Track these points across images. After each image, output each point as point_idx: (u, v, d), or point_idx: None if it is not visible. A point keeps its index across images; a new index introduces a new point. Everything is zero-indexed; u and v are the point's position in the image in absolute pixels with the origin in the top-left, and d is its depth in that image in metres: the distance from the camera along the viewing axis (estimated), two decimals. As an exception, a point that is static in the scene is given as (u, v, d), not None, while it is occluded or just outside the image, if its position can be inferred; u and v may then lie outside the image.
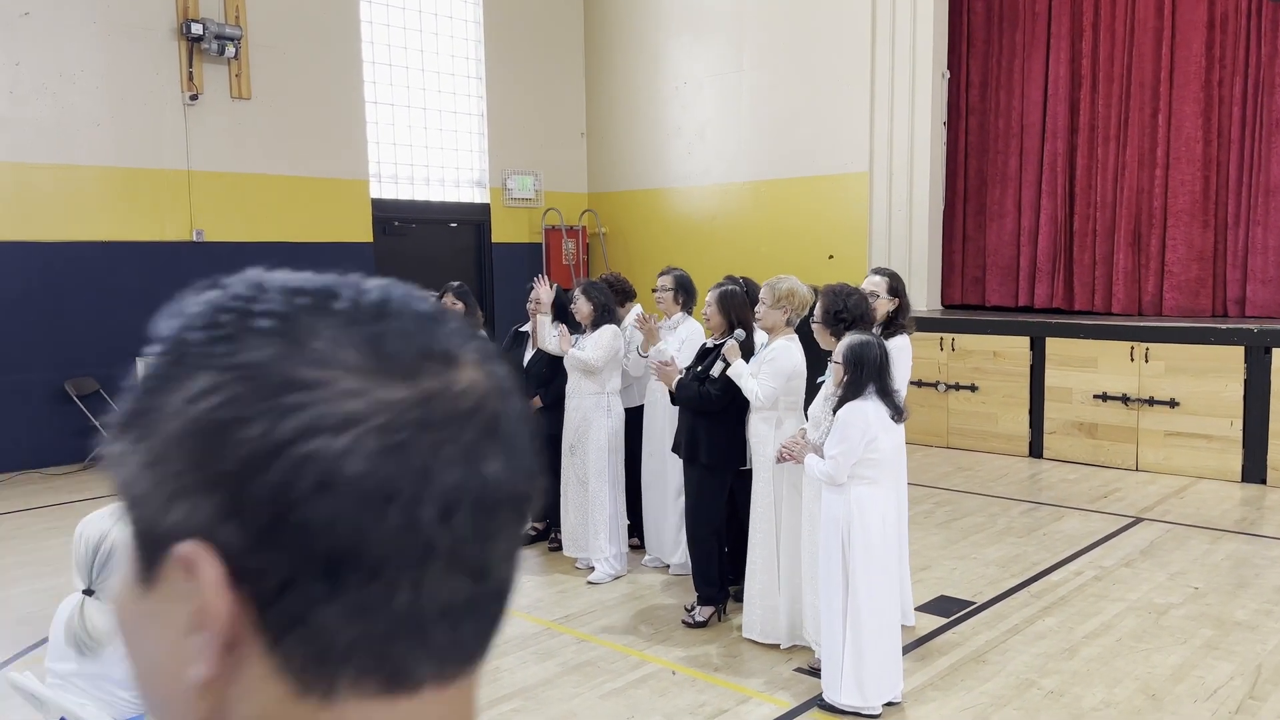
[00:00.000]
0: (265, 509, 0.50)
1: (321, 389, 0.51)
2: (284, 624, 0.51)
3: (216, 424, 0.51)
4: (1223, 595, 5.48)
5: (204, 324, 0.56)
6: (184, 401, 0.53)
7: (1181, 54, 9.69)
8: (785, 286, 4.78)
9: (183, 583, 0.51)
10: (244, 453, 0.50)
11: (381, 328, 0.55)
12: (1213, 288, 9.71)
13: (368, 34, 11.46)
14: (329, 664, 0.52)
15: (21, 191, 8.93)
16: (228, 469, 0.50)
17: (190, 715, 0.53)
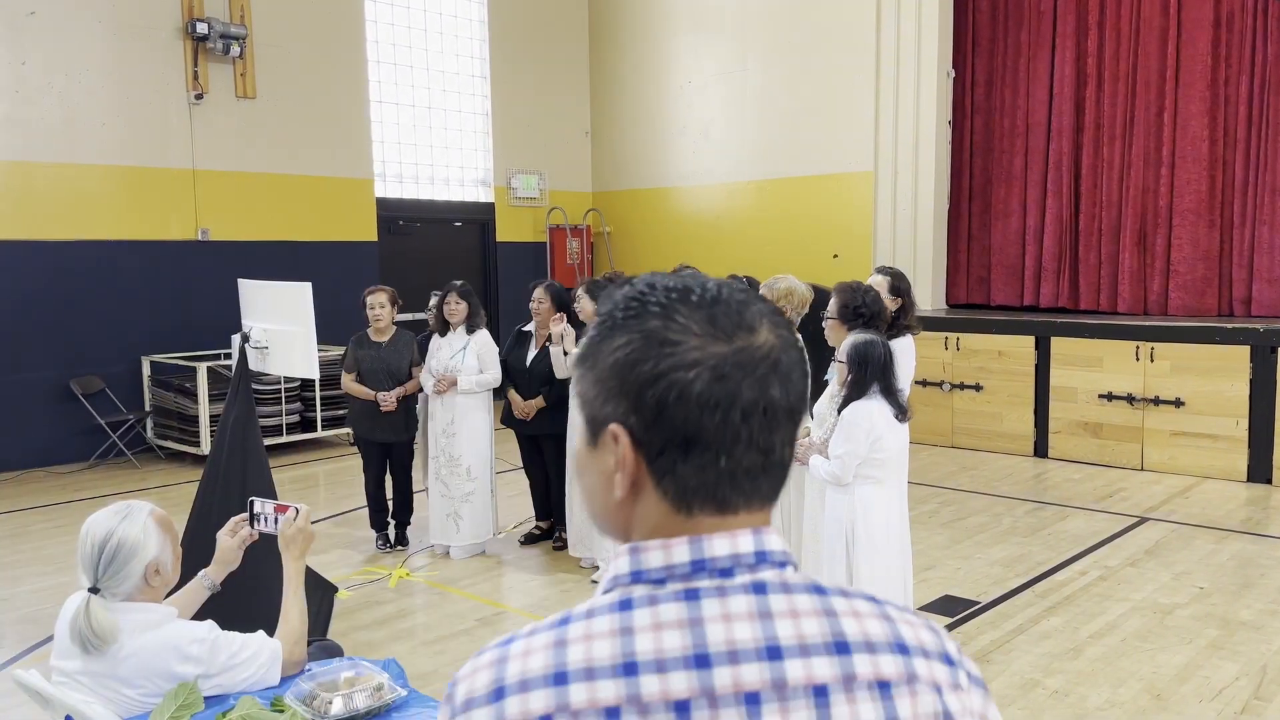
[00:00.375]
0: (651, 409, 0.92)
1: (681, 345, 0.92)
2: (661, 472, 0.94)
3: (627, 362, 0.93)
4: (1228, 595, 5.47)
5: (623, 306, 0.97)
6: (612, 349, 0.95)
7: (1187, 53, 9.67)
8: (784, 286, 4.77)
9: (611, 445, 0.95)
10: (640, 378, 0.92)
11: (715, 310, 0.95)
12: (1218, 287, 9.69)
13: (372, 33, 11.47)
14: (686, 495, 0.94)
15: (27, 190, 8.95)
16: (632, 387, 0.93)
17: (615, 519, 0.99)
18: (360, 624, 5.23)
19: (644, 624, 0.90)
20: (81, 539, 2.46)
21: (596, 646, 0.90)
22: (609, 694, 0.88)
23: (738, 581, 0.93)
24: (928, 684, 0.92)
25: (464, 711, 0.94)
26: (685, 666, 0.88)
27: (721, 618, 0.90)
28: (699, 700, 0.87)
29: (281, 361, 4.71)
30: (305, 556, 2.80)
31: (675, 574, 0.93)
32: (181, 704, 2.32)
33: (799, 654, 0.90)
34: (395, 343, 6.38)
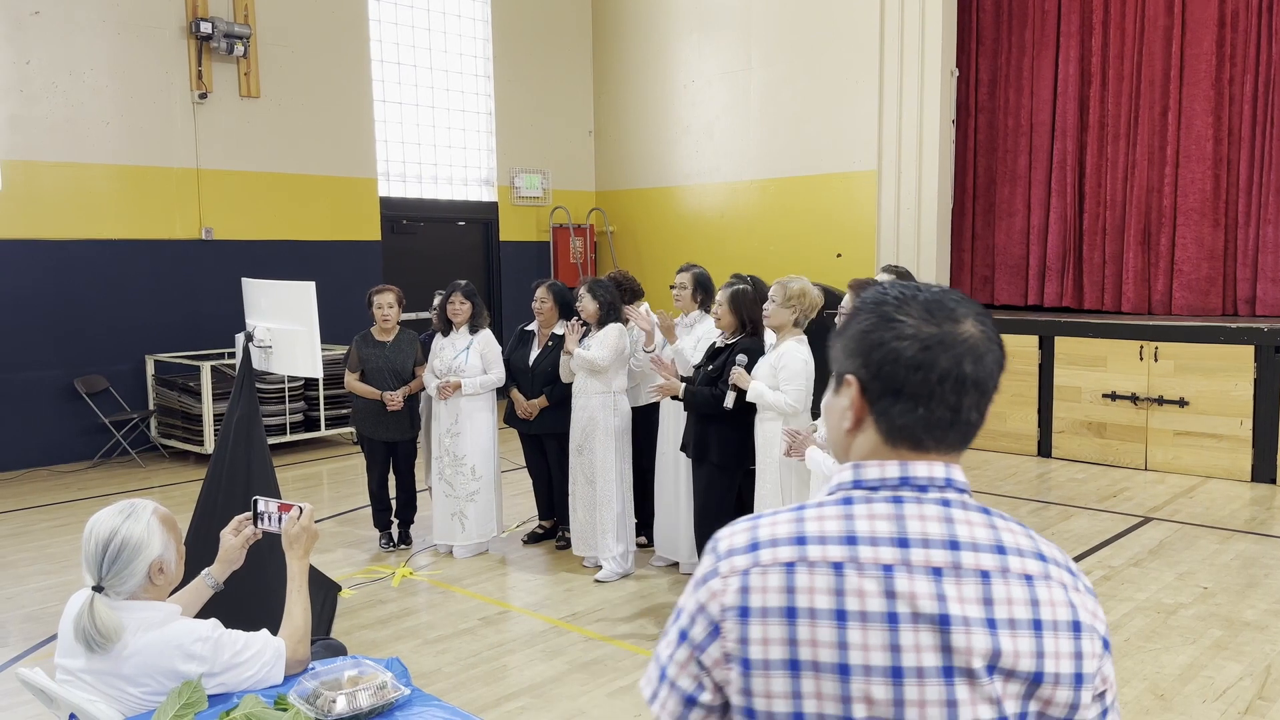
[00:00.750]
0: (874, 366, 1.28)
1: (902, 325, 1.27)
2: (878, 414, 1.29)
3: (863, 333, 1.30)
4: (1232, 595, 5.46)
5: (871, 298, 1.33)
6: (858, 324, 1.31)
7: (1192, 52, 9.65)
8: (797, 286, 4.77)
9: (846, 390, 1.32)
10: (870, 344, 1.29)
11: (931, 305, 1.29)
12: (1223, 286, 9.67)
13: (376, 33, 11.48)
14: (893, 433, 1.29)
15: (31, 190, 8.97)
16: (864, 349, 1.29)
17: (842, 445, 1.36)
18: (363, 623, 5.23)
19: (862, 514, 1.28)
20: (85, 537, 2.47)
21: (827, 524, 1.28)
22: (836, 553, 1.26)
23: (931, 496, 1.30)
24: (1058, 582, 1.28)
25: (726, 558, 1.32)
26: (891, 544, 1.25)
27: (918, 517, 1.28)
28: (899, 567, 1.24)
29: (285, 361, 4.71)
30: (309, 555, 2.81)
31: (886, 484, 1.30)
32: (185, 702, 2.32)
33: (971, 549, 1.26)
34: (399, 342, 6.38)
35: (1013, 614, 1.24)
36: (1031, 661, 1.23)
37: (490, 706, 4.22)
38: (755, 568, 1.28)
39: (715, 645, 1.28)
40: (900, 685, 1.22)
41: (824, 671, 1.23)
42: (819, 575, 1.25)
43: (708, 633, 1.30)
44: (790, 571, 1.26)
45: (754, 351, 4.96)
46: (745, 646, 1.26)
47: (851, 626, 1.23)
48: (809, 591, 1.24)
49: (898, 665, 1.22)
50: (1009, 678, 1.23)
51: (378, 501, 6.54)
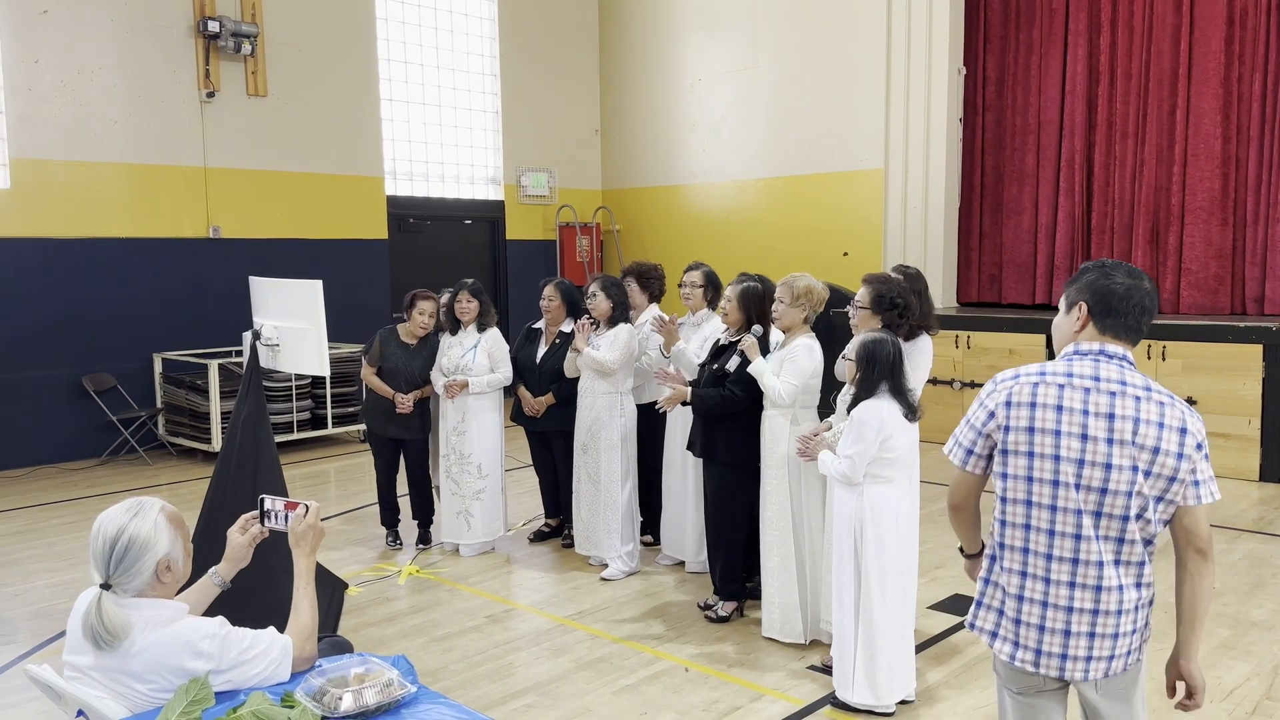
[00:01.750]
0: (1097, 297, 2.53)
1: (1113, 277, 2.50)
2: (1096, 320, 2.52)
3: (1093, 281, 2.54)
4: (1240, 595, 5.44)
5: (1096, 266, 2.54)
6: (1088, 278, 2.55)
7: (1200, 50, 9.62)
8: (803, 284, 4.75)
9: (1076, 310, 2.55)
10: (1097, 285, 2.55)
11: (1127, 270, 2.51)
12: (1231, 285, 9.64)
13: (383, 31, 11.49)
14: (1104, 330, 2.53)
15: (40, 188, 9.00)
16: (1092, 288, 2.54)
17: (1068, 340, 2.57)
18: (370, 620, 5.24)
19: (1076, 363, 2.46)
20: (93, 535, 2.47)
21: (1058, 365, 2.48)
22: (1061, 379, 2.44)
23: (1114, 361, 2.45)
24: (1174, 405, 2.39)
25: (1000, 380, 2.53)
26: (1089, 378, 2.42)
27: (1105, 368, 2.43)
28: (1093, 389, 2.41)
29: (292, 359, 4.72)
30: (316, 553, 2.81)
31: (1092, 352, 2.46)
32: (193, 699, 2.33)
33: (1131, 385, 2.40)
34: (424, 348, 6.37)
35: (1149, 416, 2.37)
36: (1154, 439, 2.35)
37: (496, 704, 4.23)
38: (1015, 381, 2.51)
39: (991, 421, 2.51)
40: (1084, 444, 2.38)
41: (1047, 434, 2.42)
42: (1050, 387, 2.44)
43: (987, 416, 2.53)
44: (1035, 385, 2.46)
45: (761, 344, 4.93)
46: (1008, 418, 2.48)
47: (1064, 414, 2.41)
48: (1044, 394, 2.44)
49: (1084, 433, 2.38)
50: (1141, 448, 2.35)
51: (385, 499, 6.55)
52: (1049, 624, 2.45)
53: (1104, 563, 2.39)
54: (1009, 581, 2.52)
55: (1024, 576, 2.48)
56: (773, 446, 4.74)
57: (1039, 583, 2.46)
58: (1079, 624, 2.43)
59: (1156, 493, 2.35)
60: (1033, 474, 2.43)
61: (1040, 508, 2.44)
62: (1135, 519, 2.37)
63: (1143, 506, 2.36)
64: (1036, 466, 2.42)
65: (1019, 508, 2.48)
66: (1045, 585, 2.45)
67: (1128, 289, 2.44)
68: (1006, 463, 2.48)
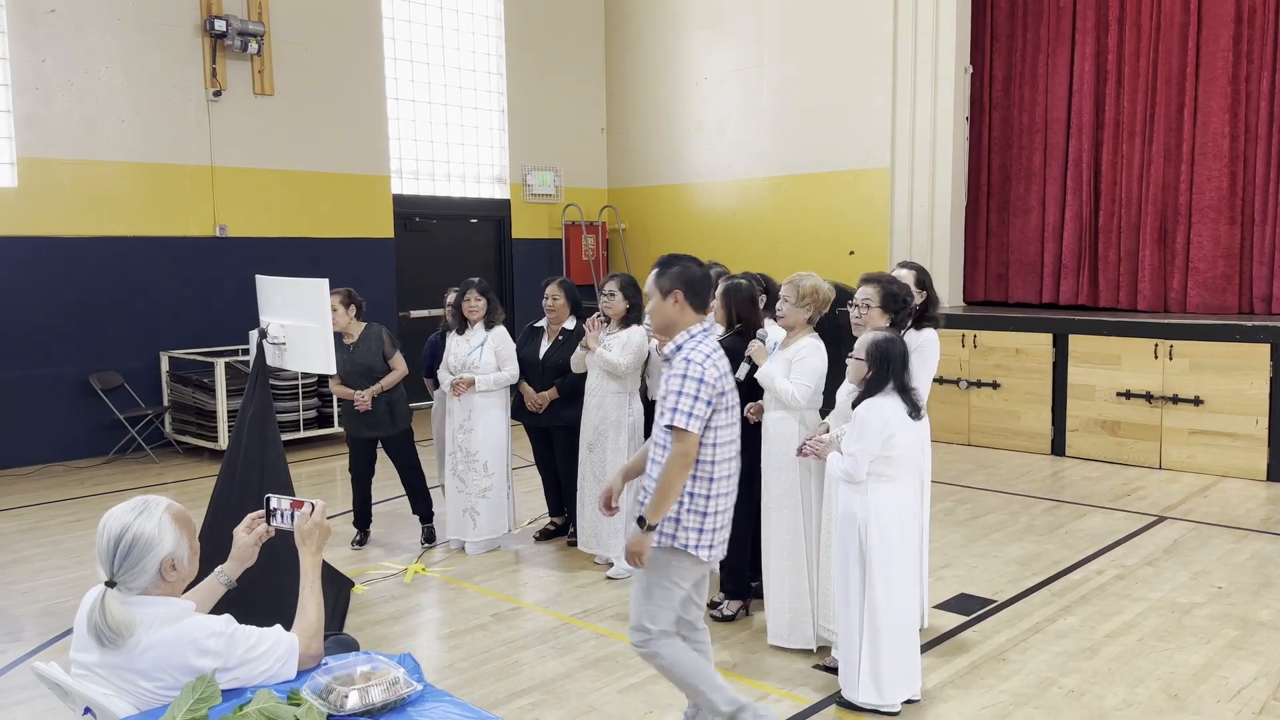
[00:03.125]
0: (690, 287, 3.52)
1: (699, 269, 3.58)
2: (692, 303, 3.57)
3: (683, 271, 3.55)
4: (1247, 595, 5.43)
5: (688, 260, 3.57)
6: (686, 273, 3.52)
7: (1208, 49, 9.59)
8: (809, 284, 4.74)
9: (673, 298, 3.52)
10: (689, 276, 3.52)
11: (706, 263, 3.79)
12: (1239, 284, 9.61)
13: (389, 30, 11.50)
14: (700, 310, 3.53)
15: (47, 187, 9.02)
16: (685, 280, 3.51)
17: (672, 322, 3.54)
18: (376, 618, 5.25)
19: (711, 340, 3.47)
20: (99, 533, 2.48)
21: (710, 339, 3.48)
22: (716, 346, 3.51)
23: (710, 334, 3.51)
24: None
25: (704, 363, 3.36)
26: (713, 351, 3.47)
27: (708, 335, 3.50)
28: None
29: (299, 357, 4.73)
30: (321, 551, 2.82)
31: (700, 330, 3.46)
32: (199, 697, 2.33)
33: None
34: (364, 340, 6.36)
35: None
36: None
37: (502, 703, 4.24)
38: (715, 356, 3.39)
39: (712, 390, 3.32)
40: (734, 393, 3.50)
41: (729, 392, 3.44)
42: (723, 356, 3.47)
43: (710, 389, 3.32)
44: (719, 355, 3.42)
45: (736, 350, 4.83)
46: (724, 386, 3.41)
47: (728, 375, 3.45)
48: (722, 362, 3.42)
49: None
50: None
51: (359, 500, 6.58)
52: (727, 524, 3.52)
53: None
54: (724, 504, 3.47)
55: (729, 496, 3.49)
56: (781, 449, 4.70)
57: (731, 496, 3.51)
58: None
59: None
60: (732, 421, 3.47)
61: (733, 442, 3.49)
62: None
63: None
64: (729, 416, 3.45)
65: (728, 448, 3.46)
66: (730, 499, 3.51)
67: (704, 275, 3.46)
68: (720, 417, 3.41)
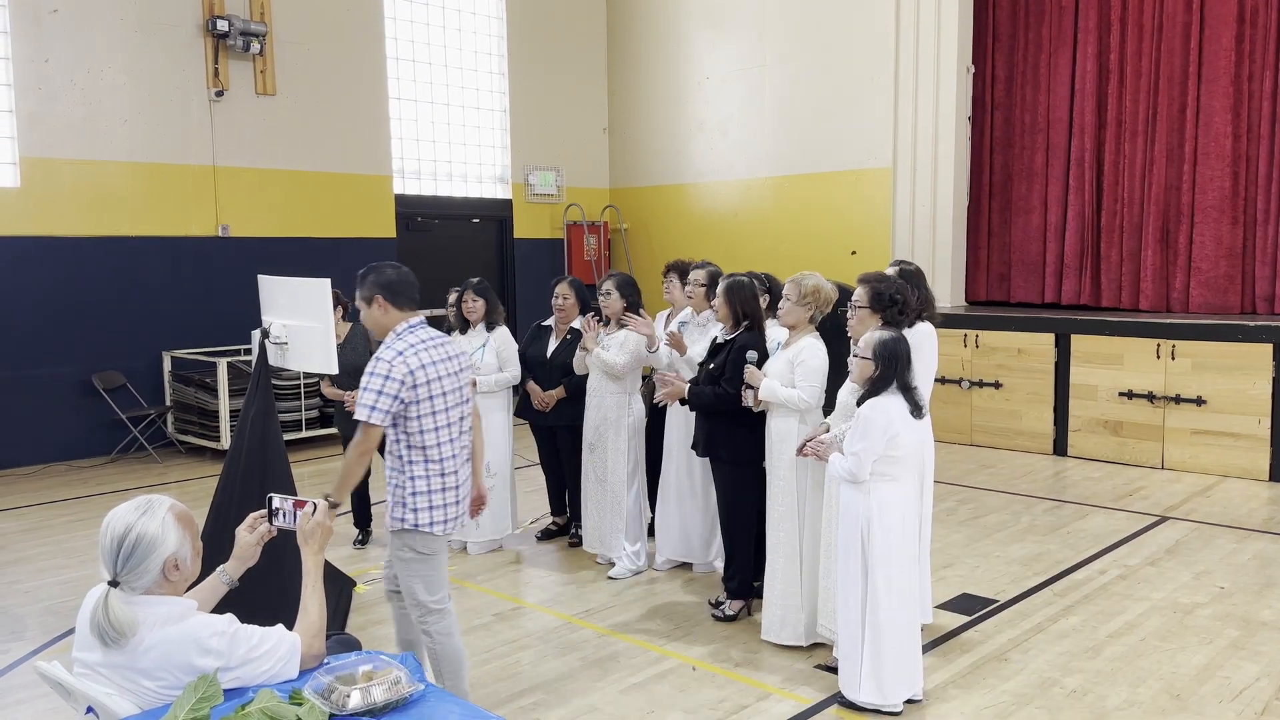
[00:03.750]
0: (391, 289, 3.83)
1: (388, 275, 3.91)
2: (394, 303, 3.85)
3: (378, 273, 3.90)
4: (1249, 595, 5.42)
5: (382, 263, 3.96)
6: (386, 275, 3.90)
7: (1211, 48, 9.58)
8: (811, 283, 4.74)
9: (377, 302, 3.83)
10: (384, 279, 3.86)
11: (386, 268, 3.93)
12: (1241, 284, 9.60)
13: (392, 30, 11.51)
14: (402, 309, 3.82)
15: (49, 187, 9.03)
16: (384, 284, 3.83)
17: (385, 327, 3.83)
18: (378, 618, 5.25)
19: (419, 330, 3.78)
20: (102, 533, 2.48)
21: (417, 334, 3.78)
22: (424, 342, 3.79)
23: (424, 325, 3.81)
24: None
25: (394, 362, 3.65)
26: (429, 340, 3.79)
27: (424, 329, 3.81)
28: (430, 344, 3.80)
29: (301, 357, 4.73)
30: (323, 551, 2.82)
31: (405, 328, 3.75)
32: (201, 696, 2.34)
33: (437, 336, 3.89)
34: (350, 340, 6.36)
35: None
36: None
37: (504, 702, 4.24)
38: (410, 352, 3.67)
39: (402, 387, 3.63)
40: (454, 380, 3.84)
41: (437, 380, 3.74)
42: (428, 350, 3.74)
43: (398, 384, 3.62)
44: (425, 350, 3.73)
45: (754, 346, 4.88)
46: (425, 379, 3.68)
47: (439, 365, 3.75)
48: (428, 355, 3.73)
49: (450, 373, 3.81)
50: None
51: (357, 499, 6.58)
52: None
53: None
54: (452, 481, 3.79)
55: (457, 474, 3.81)
56: (781, 448, 4.71)
57: (461, 474, 3.84)
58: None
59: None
60: (447, 406, 3.76)
61: (451, 426, 3.79)
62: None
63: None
64: (442, 403, 3.75)
65: (445, 432, 3.76)
66: (460, 476, 3.82)
67: (399, 275, 3.79)
68: (425, 405, 3.69)
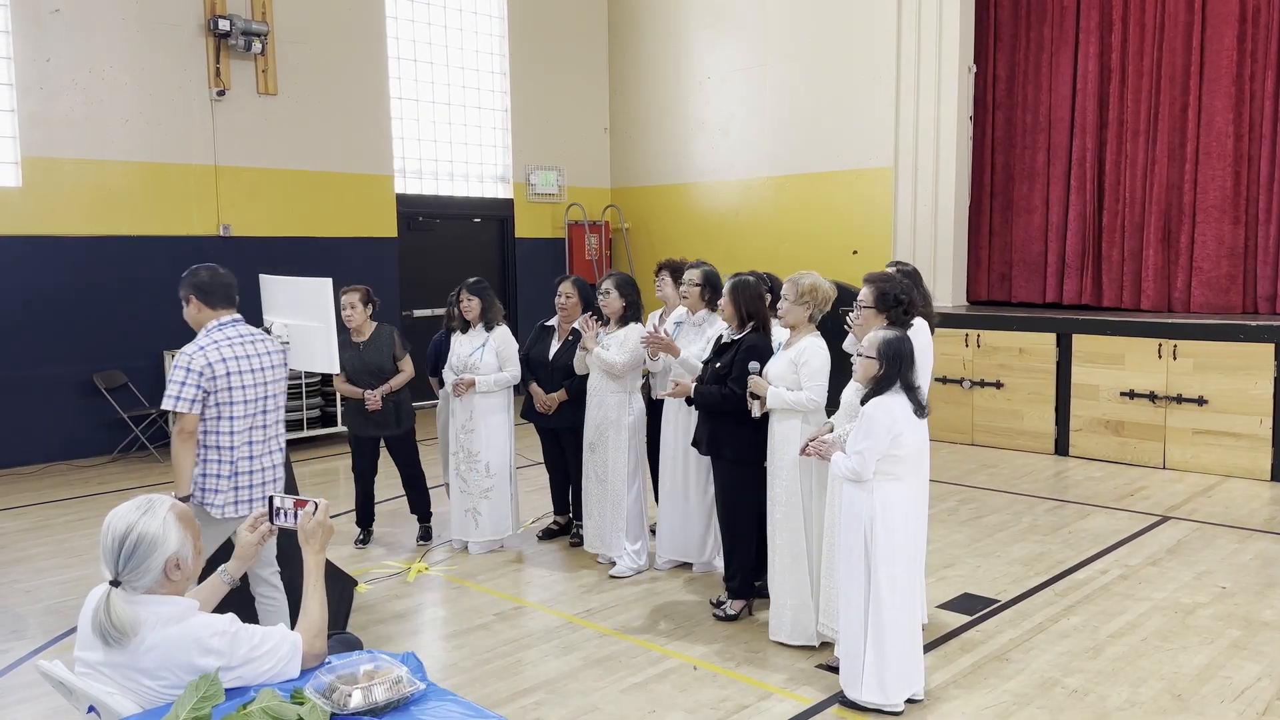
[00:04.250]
0: (205, 290, 4.11)
1: (201, 277, 4.17)
2: (205, 303, 4.16)
3: (193, 274, 4.17)
4: (1250, 595, 5.42)
5: (190, 271, 4.23)
6: (202, 277, 4.22)
7: (1212, 48, 9.57)
8: (808, 282, 4.73)
9: (192, 304, 4.14)
10: (197, 280, 4.14)
11: (201, 270, 4.21)
12: (1243, 284, 9.59)
13: (393, 30, 11.51)
14: (216, 307, 4.12)
15: (51, 186, 9.03)
16: (196, 285, 4.12)
17: (200, 322, 4.13)
18: (379, 617, 5.26)
19: (229, 328, 4.06)
20: (103, 532, 2.49)
21: (227, 331, 4.07)
22: (232, 338, 4.07)
23: (240, 322, 4.11)
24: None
25: (195, 353, 3.94)
26: (242, 335, 4.08)
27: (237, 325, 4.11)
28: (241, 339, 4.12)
29: (302, 356, 4.73)
30: (324, 550, 2.82)
31: (230, 320, 4.08)
32: (203, 696, 2.34)
33: (252, 332, 4.16)
34: (375, 340, 6.38)
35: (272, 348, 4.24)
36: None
37: (505, 701, 4.24)
38: (210, 347, 3.97)
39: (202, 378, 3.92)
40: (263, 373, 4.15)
41: (245, 373, 4.05)
42: (235, 345, 4.04)
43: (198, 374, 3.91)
44: (229, 345, 4.03)
45: (760, 349, 4.89)
46: (225, 372, 3.97)
47: (249, 359, 4.07)
48: (236, 350, 4.04)
49: (260, 366, 4.11)
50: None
51: (362, 498, 6.58)
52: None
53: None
54: (255, 465, 4.09)
55: (260, 459, 4.11)
56: (784, 448, 4.71)
57: (267, 459, 4.16)
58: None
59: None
60: (246, 399, 4.02)
61: (249, 417, 4.05)
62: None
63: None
64: (241, 394, 4.00)
65: (243, 421, 4.02)
66: (265, 460, 4.14)
67: (210, 276, 4.06)
68: (224, 395, 3.96)
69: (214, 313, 4.06)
